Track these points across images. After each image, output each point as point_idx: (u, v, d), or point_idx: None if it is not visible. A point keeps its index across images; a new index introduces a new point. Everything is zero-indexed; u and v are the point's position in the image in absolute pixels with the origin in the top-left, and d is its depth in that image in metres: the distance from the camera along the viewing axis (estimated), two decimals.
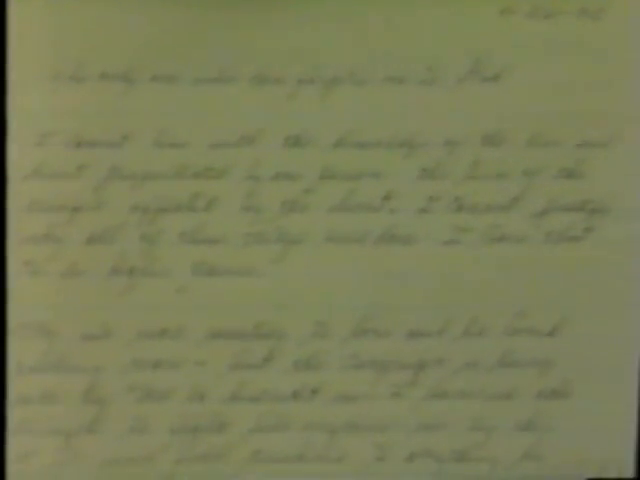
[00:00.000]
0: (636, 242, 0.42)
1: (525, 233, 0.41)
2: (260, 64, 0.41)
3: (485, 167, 0.41)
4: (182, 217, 0.41)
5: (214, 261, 0.41)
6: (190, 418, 0.42)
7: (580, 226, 0.41)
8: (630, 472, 0.42)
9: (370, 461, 0.42)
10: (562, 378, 0.42)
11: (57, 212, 0.41)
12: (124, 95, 0.40)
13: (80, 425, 0.41)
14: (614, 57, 0.41)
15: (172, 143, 0.41)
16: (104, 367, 0.41)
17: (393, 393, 0.42)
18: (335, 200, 0.41)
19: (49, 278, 0.41)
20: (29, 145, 0.40)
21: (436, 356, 0.42)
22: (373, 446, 0.42)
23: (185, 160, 0.41)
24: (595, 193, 0.41)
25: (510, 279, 0.41)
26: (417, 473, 0.42)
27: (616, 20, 0.41)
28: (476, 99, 0.41)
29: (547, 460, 0.42)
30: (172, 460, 0.42)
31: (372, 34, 0.41)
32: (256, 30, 0.41)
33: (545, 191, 0.41)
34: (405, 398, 0.42)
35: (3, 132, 0.40)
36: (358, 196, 0.41)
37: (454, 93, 0.41)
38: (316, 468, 0.42)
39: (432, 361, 0.42)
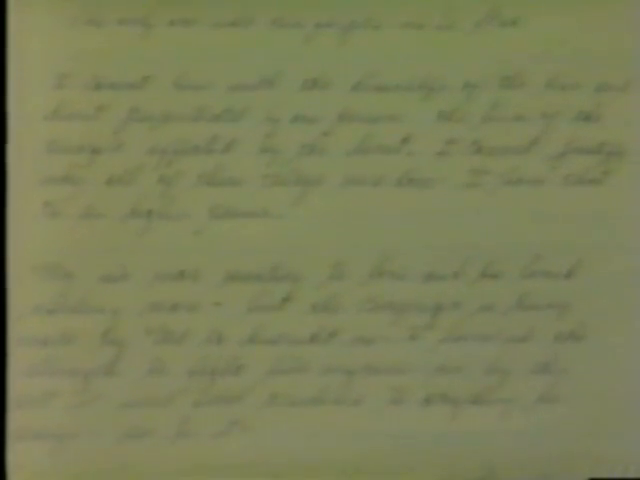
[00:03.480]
0: None
1: (543, 176, 0.42)
2: (278, 8, 0.41)
3: (503, 110, 0.41)
4: (200, 159, 0.41)
5: (232, 203, 0.41)
6: (207, 361, 0.42)
7: (597, 169, 0.42)
8: None
9: (386, 404, 0.42)
10: (579, 321, 0.42)
11: (76, 154, 0.41)
12: (143, 38, 0.41)
13: (98, 367, 0.41)
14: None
15: (191, 85, 0.41)
16: (122, 309, 0.41)
17: (410, 336, 0.42)
18: (353, 143, 0.41)
19: (68, 219, 0.41)
20: (48, 87, 0.41)
21: (453, 299, 0.42)
22: (390, 389, 0.42)
23: (204, 102, 0.41)
24: (613, 136, 0.42)
25: (527, 222, 0.42)
26: (433, 415, 0.42)
27: None
28: (494, 42, 0.41)
29: (563, 403, 0.42)
30: (189, 402, 0.42)
31: None
32: None
33: (563, 134, 0.42)
34: (422, 341, 0.42)
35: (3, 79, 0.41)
36: (376, 139, 0.41)
37: (472, 37, 0.41)
38: (333, 410, 0.42)
39: (449, 304, 0.42)
